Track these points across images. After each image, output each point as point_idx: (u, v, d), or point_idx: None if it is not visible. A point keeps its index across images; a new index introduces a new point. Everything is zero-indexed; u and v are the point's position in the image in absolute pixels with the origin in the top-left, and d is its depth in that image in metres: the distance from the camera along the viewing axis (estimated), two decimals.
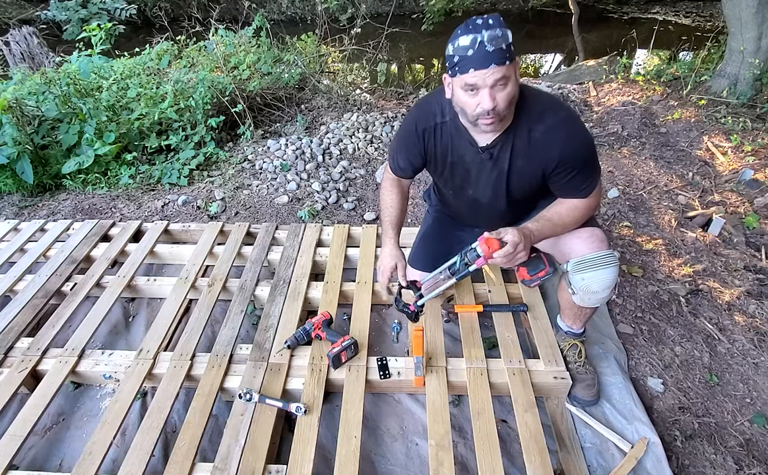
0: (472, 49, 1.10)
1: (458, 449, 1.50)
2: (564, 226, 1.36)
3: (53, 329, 1.80)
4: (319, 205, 2.72)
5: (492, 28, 1.10)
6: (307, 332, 1.69)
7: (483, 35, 1.09)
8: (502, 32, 1.10)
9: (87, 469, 1.33)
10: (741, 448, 1.50)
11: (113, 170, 3.10)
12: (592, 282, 1.37)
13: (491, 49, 1.09)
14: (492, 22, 1.11)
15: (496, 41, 1.09)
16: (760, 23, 3.43)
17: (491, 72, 1.11)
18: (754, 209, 2.51)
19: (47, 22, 6.80)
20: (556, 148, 1.25)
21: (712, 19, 7.85)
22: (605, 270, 1.36)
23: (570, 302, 1.51)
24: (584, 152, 1.29)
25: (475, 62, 1.11)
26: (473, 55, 1.11)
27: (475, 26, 1.11)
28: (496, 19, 1.12)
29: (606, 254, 1.37)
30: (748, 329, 1.86)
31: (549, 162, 1.28)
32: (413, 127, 1.42)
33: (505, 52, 1.11)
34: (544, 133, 1.25)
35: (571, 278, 1.42)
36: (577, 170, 1.29)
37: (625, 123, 3.48)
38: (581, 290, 1.41)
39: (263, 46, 4.12)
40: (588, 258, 1.37)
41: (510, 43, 1.12)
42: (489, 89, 1.13)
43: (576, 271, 1.40)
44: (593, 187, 1.34)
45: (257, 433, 1.41)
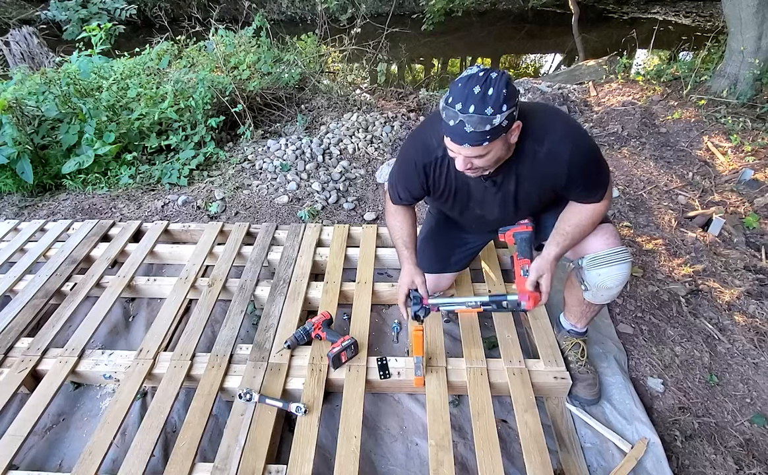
0: (453, 121, 1.09)
1: (458, 449, 1.50)
2: (583, 234, 1.37)
3: (53, 329, 1.80)
4: (319, 205, 2.72)
5: (483, 107, 1.05)
6: (307, 332, 1.69)
7: (468, 111, 1.06)
8: (492, 113, 1.05)
9: (87, 469, 1.33)
10: (741, 448, 1.50)
11: (113, 170, 3.10)
12: (608, 278, 1.38)
13: (469, 131, 1.07)
14: (489, 95, 1.05)
15: (479, 124, 1.06)
16: (760, 23, 3.43)
17: (464, 149, 1.12)
18: (754, 209, 2.51)
19: (47, 22, 6.81)
20: (562, 165, 1.23)
21: (712, 19, 7.85)
22: (620, 266, 1.37)
23: (579, 298, 1.52)
24: (591, 162, 1.28)
25: (452, 134, 1.12)
26: (453, 127, 1.10)
27: (468, 96, 1.06)
28: (497, 90, 1.05)
29: (620, 250, 1.37)
30: (748, 329, 1.86)
31: (558, 179, 1.27)
32: (413, 164, 1.39)
33: (486, 135, 1.07)
34: (548, 152, 1.23)
35: (586, 274, 1.42)
36: (588, 179, 1.29)
37: (625, 123, 3.48)
38: (595, 286, 1.41)
39: (263, 46, 4.11)
40: (603, 254, 1.38)
41: (497, 124, 1.06)
42: (462, 157, 1.15)
43: (592, 267, 1.40)
44: (605, 190, 1.34)
45: (257, 433, 1.41)
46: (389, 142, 3.34)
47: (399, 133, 3.43)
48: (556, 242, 1.36)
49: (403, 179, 1.46)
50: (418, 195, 1.49)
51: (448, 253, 1.76)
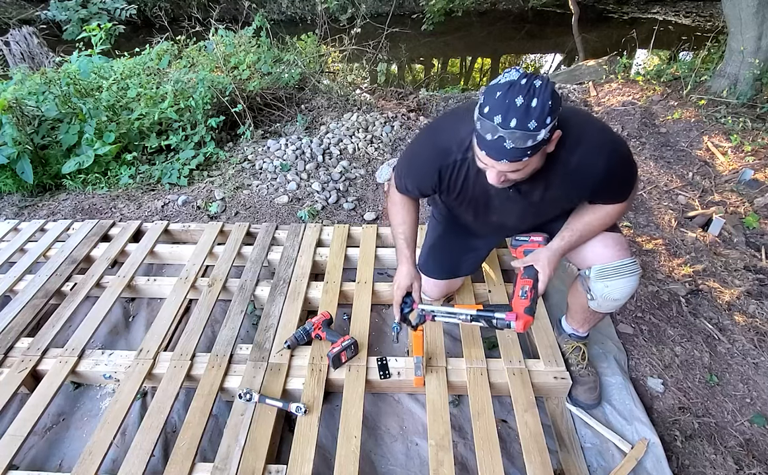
0: (492, 135, 1.00)
1: (458, 449, 1.50)
2: (593, 234, 1.34)
3: (53, 329, 1.80)
4: (319, 205, 2.72)
5: (526, 120, 0.96)
6: (307, 332, 1.69)
7: (509, 125, 0.97)
8: (535, 127, 0.96)
9: (87, 469, 1.33)
10: (741, 448, 1.50)
11: (113, 170, 3.10)
12: (615, 290, 1.36)
13: (509, 147, 0.99)
14: (534, 107, 0.96)
15: (521, 140, 0.98)
16: (760, 23, 3.43)
17: (501, 164, 1.04)
18: (754, 209, 2.51)
19: (47, 22, 6.81)
20: (594, 178, 1.18)
21: (712, 19, 7.85)
22: (628, 279, 1.34)
23: (583, 306, 1.49)
24: (623, 172, 1.23)
25: (488, 149, 1.03)
26: (491, 142, 1.01)
27: (509, 108, 0.96)
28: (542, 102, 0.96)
29: (629, 262, 1.34)
30: (748, 329, 1.86)
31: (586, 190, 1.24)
32: (427, 164, 1.31)
33: (526, 151, 1.00)
34: (580, 163, 1.16)
35: (593, 285, 1.39)
36: (616, 188, 1.26)
37: (625, 123, 3.48)
38: (602, 296, 1.39)
39: (263, 46, 4.11)
40: (611, 266, 1.34)
41: (540, 140, 0.99)
42: (497, 172, 1.08)
43: (599, 278, 1.37)
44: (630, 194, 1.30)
45: (257, 433, 1.41)
46: (389, 142, 3.34)
47: (399, 133, 3.43)
48: (562, 236, 1.33)
49: (413, 175, 1.39)
50: (427, 193, 1.43)
51: (458, 259, 1.73)
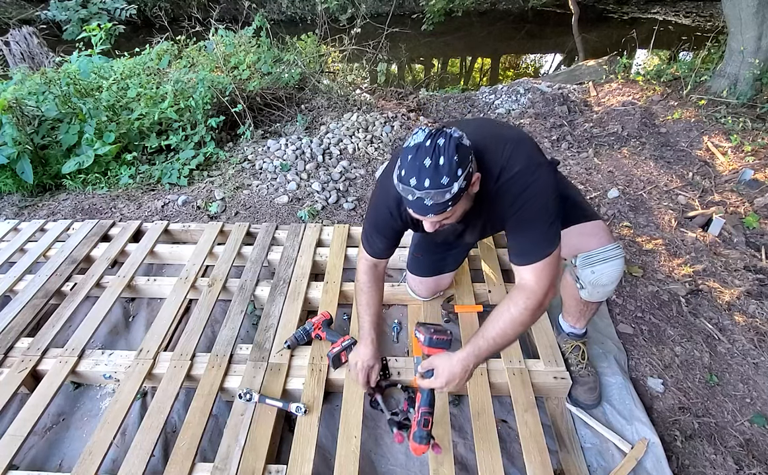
0: (411, 195, 1.05)
1: (458, 449, 1.50)
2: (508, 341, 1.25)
3: (53, 329, 1.80)
4: (319, 205, 2.72)
5: (437, 178, 1.01)
6: (307, 332, 1.69)
7: (424, 185, 1.02)
8: (448, 182, 1.01)
9: (87, 469, 1.33)
10: (741, 448, 1.50)
11: (113, 170, 3.10)
12: (602, 275, 1.39)
13: (430, 204, 1.05)
14: (441, 165, 1.01)
15: (436, 197, 1.03)
16: (760, 23, 3.43)
17: (429, 218, 1.11)
18: (754, 209, 2.51)
19: (47, 22, 6.81)
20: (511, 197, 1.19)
21: (712, 19, 7.85)
22: (613, 262, 1.38)
23: (575, 297, 1.52)
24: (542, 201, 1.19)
25: (413, 207, 1.09)
26: (412, 201, 1.07)
27: (420, 169, 1.02)
28: (448, 158, 1.01)
29: (612, 247, 1.38)
30: (748, 329, 1.86)
31: (507, 206, 1.21)
32: (389, 213, 1.35)
33: (447, 202, 1.05)
34: (503, 183, 1.18)
35: (580, 273, 1.43)
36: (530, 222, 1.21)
37: (625, 123, 3.48)
38: (590, 283, 1.42)
39: (263, 46, 4.11)
40: (596, 252, 1.39)
41: (456, 191, 1.03)
42: (430, 222, 1.14)
43: (585, 265, 1.41)
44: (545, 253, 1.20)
45: (257, 433, 1.41)
46: (389, 142, 3.34)
47: (399, 133, 3.43)
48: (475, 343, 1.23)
49: (379, 229, 1.42)
50: (394, 241, 1.45)
51: (442, 257, 1.79)
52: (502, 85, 4.33)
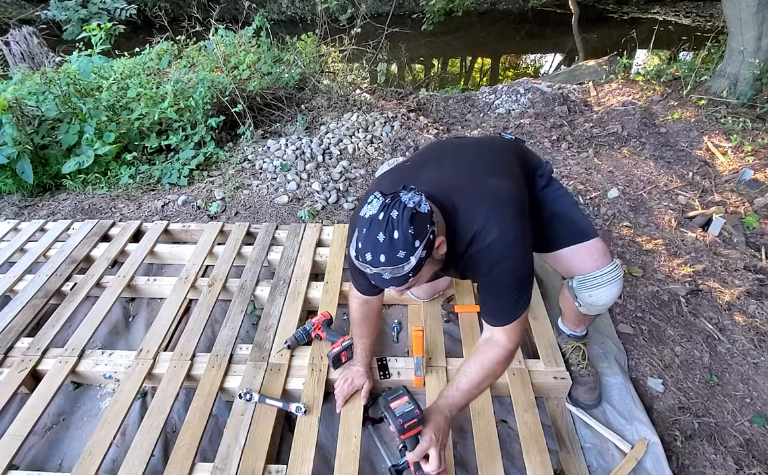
0: (371, 270, 1.01)
1: (458, 449, 1.50)
2: (482, 387, 1.25)
3: (53, 329, 1.80)
4: (319, 205, 2.72)
5: (392, 252, 0.96)
6: (307, 332, 1.69)
7: (379, 263, 0.98)
8: (405, 255, 0.97)
9: (87, 469, 1.33)
10: (741, 448, 1.50)
11: (113, 170, 3.10)
12: (600, 298, 1.37)
13: (389, 277, 1.00)
14: (396, 239, 0.96)
15: (397, 270, 0.98)
16: (760, 23, 3.43)
17: (392, 290, 1.07)
18: (754, 209, 2.51)
19: (47, 22, 6.81)
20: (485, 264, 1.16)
21: (712, 19, 7.85)
22: (611, 286, 1.35)
23: (574, 309, 1.50)
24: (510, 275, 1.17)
25: (373, 280, 1.04)
26: (372, 275, 1.02)
27: (374, 245, 0.97)
28: (403, 230, 0.96)
29: (610, 268, 1.34)
30: (748, 329, 1.86)
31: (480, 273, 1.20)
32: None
33: (407, 276, 1.00)
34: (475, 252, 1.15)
35: (577, 294, 1.41)
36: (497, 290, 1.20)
37: (625, 123, 3.48)
38: (588, 304, 1.41)
39: (263, 46, 4.11)
40: (592, 277, 1.36)
41: (415, 263, 0.98)
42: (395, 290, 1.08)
43: (582, 289, 1.39)
44: (509, 319, 1.21)
45: (257, 433, 1.41)
46: (389, 142, 3.34)
47: (399, 133, 3.43)
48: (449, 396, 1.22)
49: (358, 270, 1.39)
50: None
51: None
52: (502, 85, 4.33)
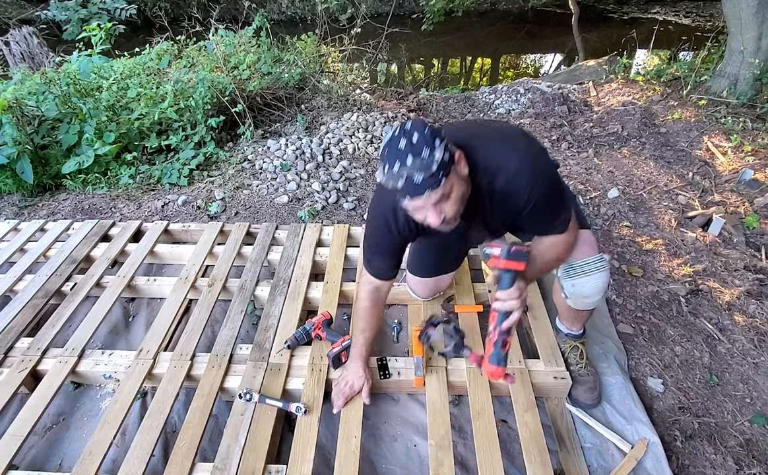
0: (402, 180, 1.04)
1: (458, 449, 1.50)
2: (547, 264, 1.31)
3: (53, 329, 1.80)
4: (319, 205, 2.72)
5: (416, 151, 1.02)
6: (307, 332, 1.69)
7: (408, 164, 1.02)
8: (429, 151, 1.02)
9: (87, 469, 1.33)
10: (741, 448, 1.50)
11: (113, 170, 3.10)
12: (583, 287, 1.38)
13: (420, 180, 1.03)
14: (416, 141, 1.03)
15: (425, 167, 1.02)
16: (760, 23, 3.43)
17: (427, 198, 1.07)
18: (754, 209, 2.51)
19: (47, 22, 6.81)
20: (521, 194, 1.19)
21: (712, 19, 7.85)
22: (595, 276, 1.36)
23: (565, 305, 1.52)
24: (550, 190, 1.22)
25: (408, 192, 1.06)
26: (404, 187, 1.05)
27: (399, 153, 1.04)
28: (420, 134, 1.04)
29: (595, 259, 1.36)
30: (748, 329, 1.86)
31: (517, 208, 1.22)
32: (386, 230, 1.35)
33: (437, 173, 1.03)
34: (507, 182, 1.18)
35: (562, 283, 1.43)
36: (546, 208, 1.24)
37: (625, 123, 3.47)
38: (573, 294, 1.42)
39: (263, 46, 4.11)
40: (577, 264, 1.37)
41: (440, 158, 1.03)
42: (432, 207, 1.09)
43: (566, 277, 1.41)
44: (566, 222, 1.28)
45: (257, 433, 1.41)
46: None
47: None
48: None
49: (378, 250, 1.42)
50: (396, 260, 1.44)
51: (441, 257, 1.77)
52: (502, 85, 4.33)
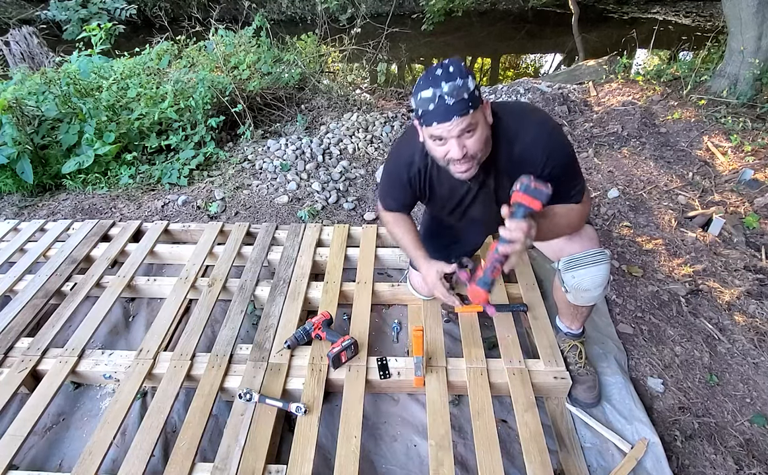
0: (433, 102, 1.11)
1: (458, 449, 1.50)
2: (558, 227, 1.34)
3: (53, 329, 1.80)
4: (319, 205, 2.72)
5: (452, 78, 1.09)
6: (307, 332, 1.69)
7: (442, 88, 1.09)
8: (463, 81, 1.10)
9: (87, 469, 1.33)
10: (741, 448, 1.50)
11: (113, 170, 3.10)
12: (583, 280, 1.39)
13: (452, 102, 1.09)
14: (452, 71, 1.10)
15: (457, 92, 1.09)
16: (760, 23, 3.43)
17: (455, 124, 1.12)
18: (754, 209, 2.51)
19: (47, 22, 6.80)
20: (538, 160, 1.24)
21: (712, 19, 7.84)
22: (596, 268, 1.37)
23: (565, 301, 1.52)
24: (566, 158, 1.28)
25: (437, 116, 1.12)
26: (434, 109, 1.11)
27: (435, 78, 1.11)
28: (456, 65, 1.12)
29: (596, 251, 1.38)
30: (748, 329, 1.86)
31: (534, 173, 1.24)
32: (398, 178, 1.44)
33: (468, 102, 1.10)
34: (524, 149, 1.25)
35: (563, 277, 1.44)
36: (562, 176, 1.27)
37: (625, 123, 3.47)
38: (573, 288, 1.43)
39: (263, 46, 4.11)
40: (577, 256, 1.39)
41: (473, 90, 1.11)
42: (456, 139, 1.14)
43: (567, 269, 1.41)
44: (581, 193, 1.33)
45: (257, 433, 1.41)
46: (389, 142, 3.34)
47: (399, 132, 3.43)
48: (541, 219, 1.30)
49: (391, 193, 1.53)
50: (410, 203, 1.56)
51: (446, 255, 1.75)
52: (502, 85, 4.33)
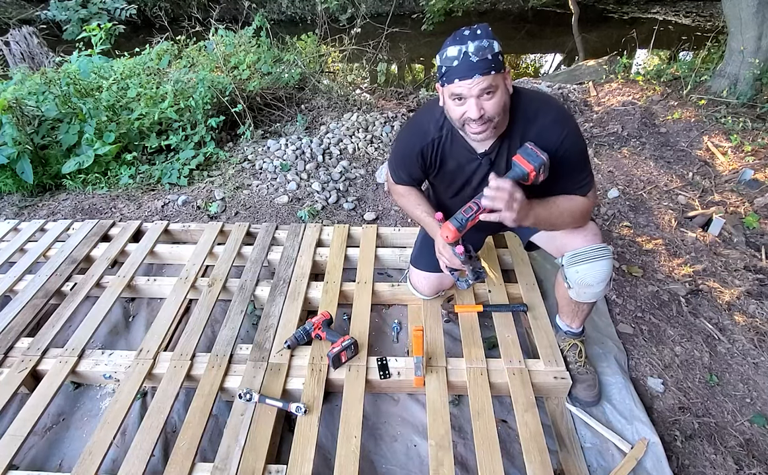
0: (457, 59, 1.15)
1: (458, 449, 1.50)
2: (562, 215, 1.36)
3: (53, 329, 1.80)
4: (319, 205, 2.72)
5: (478, 38, 1.14)
6: (307, 332, 1.69)
7: (468, 46, 1.13)
8: (489, 43, 1.14)
9: (87, 469, 1.33)
10: (741, 448, 1.50)
11: (113, 170, 3.10)
12: (587, 275, 1.39)
13: (476, 60, 1.13)
14: (479, 32, 1.15)
15: (482, 52, 1.13)
16: (760, 23, 3.43)
17: (476, 82, 1.15)
18: (754, 209, 2.51)
19: (47, 22, 6.80)
20: (553, 142, 1.27)
21: (712, 19, 7.84)
22: (599, 262, 1.38)
23: (567, 298, 1.53)
24: (579, 147, 1.31)
25: (460, 72, 1.15)
26: (458, 65, 1.15)
27: (461, 37, 1.15)
28: (484, 29, 1.16)
29: (599, 247, 1.39)
30: (748, 329, 1.86)
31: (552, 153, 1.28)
32: (410, 148, 1.46)
33: (491, 62, 1.14)
34: (538, 132, 1.28)
35: (566, 272, 1.44)
36: (572, 165, 1.31)
37: (625, 123, 3.47)
38: (576, 283, 1.43)
39: (263, 46, 4.11)
40: (581, 251, 1.40)
41: (497, 53, 1.15)
42: (475, 99, 1.17)
43: (570, 264, 1.42)
44: (589, 186, 1.37)
45: (257, 433, 1.41)
46: (389, 142, 3.34)
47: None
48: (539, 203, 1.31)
49: (402, 165, 1.54)
50: (418, 177, 1.57)
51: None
52: None
